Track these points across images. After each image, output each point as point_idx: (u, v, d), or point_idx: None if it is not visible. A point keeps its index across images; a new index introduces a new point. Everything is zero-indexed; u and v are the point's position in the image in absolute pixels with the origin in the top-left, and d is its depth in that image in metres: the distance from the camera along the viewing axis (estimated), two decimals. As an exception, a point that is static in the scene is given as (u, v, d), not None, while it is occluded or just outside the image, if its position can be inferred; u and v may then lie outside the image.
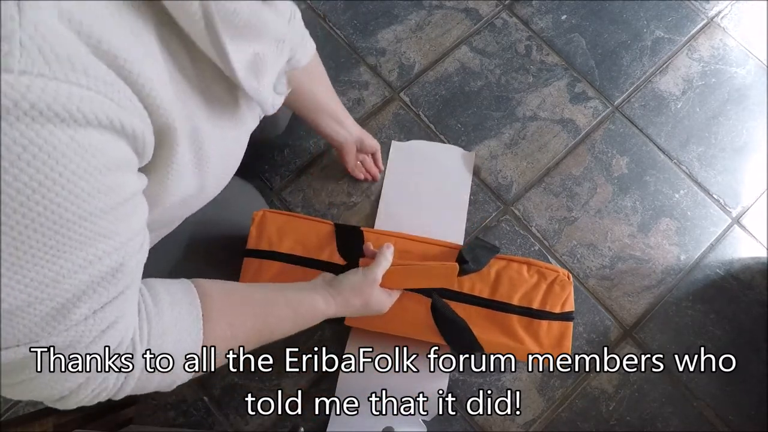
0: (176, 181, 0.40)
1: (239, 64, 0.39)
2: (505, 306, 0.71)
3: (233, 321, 0.48)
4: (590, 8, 1.11)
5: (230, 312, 0.48)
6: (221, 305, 0.47)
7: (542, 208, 0.98)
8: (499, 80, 1.05)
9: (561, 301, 0.71)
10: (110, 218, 0.32)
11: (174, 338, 0.42)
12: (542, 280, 0.72)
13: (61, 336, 0.33)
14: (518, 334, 0.70)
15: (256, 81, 0.42)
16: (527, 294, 0.71)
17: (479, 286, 0.72)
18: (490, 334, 0.71)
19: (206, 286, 0.47)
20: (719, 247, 0.98)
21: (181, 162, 0.39)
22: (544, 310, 0.71)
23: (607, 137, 1.03)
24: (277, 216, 0.75)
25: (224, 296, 0.48)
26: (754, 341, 0.92)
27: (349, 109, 1.02)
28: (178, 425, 0.86)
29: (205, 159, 0.43)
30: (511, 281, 0.71)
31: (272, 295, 0.54)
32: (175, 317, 0.42)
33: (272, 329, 0.53)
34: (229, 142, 0.48)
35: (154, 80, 0.32)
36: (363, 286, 0.61)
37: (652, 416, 0.88)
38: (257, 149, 0.97)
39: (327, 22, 1.08)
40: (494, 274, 0.72)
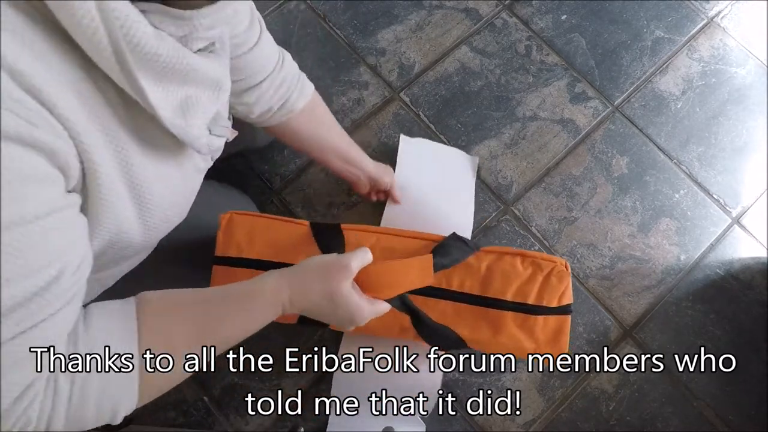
0: (111, 213, 0.40)
1: (164, 104, 0.39)
2: (498, 302, 0.65)
3: (168, 326, 0.45)
4: (590, 8, 1.11)
5: (164, 320, 0.45)
6: (155, 317, 0.44)
7: (542, 208, 0.98)
8: (499, 80, 1.06)
9: (558, 293, 0.65)
10: (29, 232, 0.31)
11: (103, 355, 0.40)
12: (538, 272, 0.66)
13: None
14: (512, 331, 0.65)
15: (183, 121, 0.42)
16: (522, 288, 0.65)
17: (469, 282, 0.66)
18: (480, 333, 0.66)
19: (144, 295, 0.46)
20: (719, 247, 0.98)
21: (112, 194, 0.39)
22: (541, 305, 0.65)
23: (607, 137, 1.03)
24: (246, 218, 0.69)
25: (159, 300, 0.46)
26: (754, 341, 0.92)
27: (350, 109, 1.03)
28: (178, 425, 0.86)
29: (144, 195, 0.43)
30: (504, 275, 0.66)
31: (214, 292, 0.49)
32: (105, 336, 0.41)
33: (215, 330, 0.47)
34: (173, 180, 0.47)
35: (66, 105, 0.33)
36: (330, 268, 0.51)
37: (652, 416, 0.88)
38: (257, 149, 0.98)
39: (327, 22, 1.08)
40: (485, 269, 0.66)
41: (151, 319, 0.44)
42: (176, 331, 0.45)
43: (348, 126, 1.01)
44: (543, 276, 0.66)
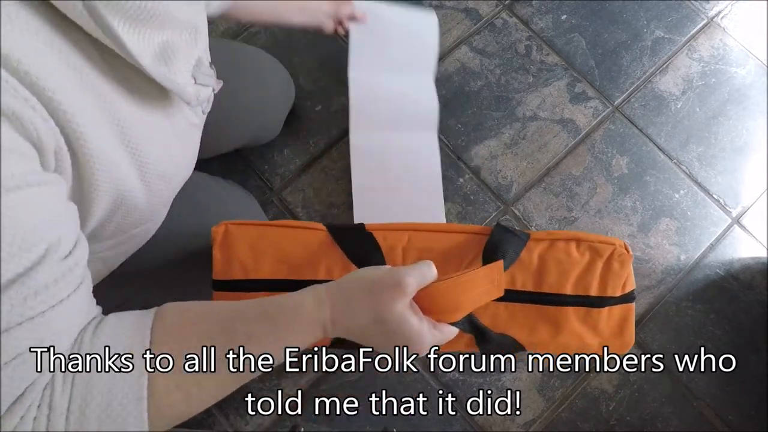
0: (108, 176, 0.39)
1: (144, 52, 0.38)
2: (557, 298, 0.56)
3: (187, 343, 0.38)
4: (590, 8, 1.11)
5: (184, 336, 0.39)
6: (173, 332, 0.39)
7: (542, 208, 0.98)
8: (499, 80, 1.06)
9: (622, 281, 0.57)
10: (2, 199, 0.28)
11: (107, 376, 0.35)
12: (597, 258, 0.57)
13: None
14: (575, 329, 0.57)
15: (166, 68, 0.41)
16: (581, 279, 0.56)
17: (521, 277, 0.57)
18: (539, 335, 0.57)
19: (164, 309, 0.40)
20: (719, 247, 0.98)
21: (107, 156, 0.38)
22: (605, 296, 0.57)
23: (607, 137, 1.03)
24: (247, 229, 0.56)
25: (181, 316, 0.40)
26: (754, 341, 0.92)
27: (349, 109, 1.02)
28: (177, 425, 0.86)
29: (142, 154, 0.42)
30: (560, 266, 0.56)
31: (243, 306, 0.41)
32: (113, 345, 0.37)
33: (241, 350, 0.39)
34: (166, 135, 0.46)
35: (39, 67, 0.31)
36: (380, 284, 0.40)
37: (652, 416, 0.88)
38: (257, 149, 0.98)
39: (327, 22, 1.08)
40: (537, 260, 0.57)
41: (170, 333, 0.39)
42: (196, 345, 0.39)
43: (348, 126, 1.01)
44: (603, 262, 0.57)
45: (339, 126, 1.01)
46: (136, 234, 0.55)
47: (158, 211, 0.56)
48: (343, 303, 0.41)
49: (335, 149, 1.00)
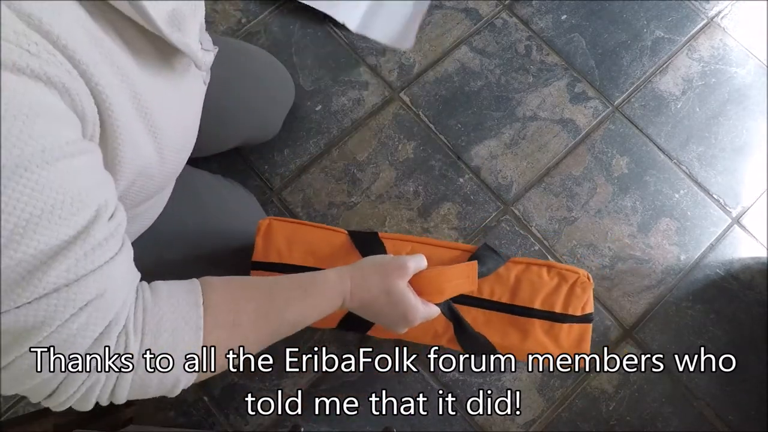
0: (131, 152, 0.41)
1: (159, 18, 0.39)
2: (527, 311, 0.69)
3: (236, 303, 0.45)
4: (590, 8, 1.11)
5: (232, 298, 0.45)
6: (222, 292, 0.45)
7: (542, 208, 0.98)
8: (499, 80, 1.05)
9: (582, 303, 0.70)
10: (54, 171, 0.31)
11: (171, 326, 0.40)
12: (563, 283, 0.70)
13: (29, 311, 0.31)
14: (539, 338, 0.68)
15: (181, 33, 0.43)
16: (548, 298, 0.69)
17: (499, 290, 0.70)
18: (509, 339, 0.69)
19: (207, 278, 0.46)
20: (719, 247, 0.98)
21: (129, 128, 0.40)
22: (566, 314, 0.69)
23: (607, 137, 1.03)
24: (285, 225, 0.70)
25: (225, 283, 0.46)
26: (754, 341, 0.92)
27: (350, 109, 1.02)
28: (178, 425, 0.86)
29: (157, 125, 0.44)
30: (532, 285, 0.70)
31: (277, 279, 0.50)
32: (173, 305, 0.41)
33: (281, 311, 0.47)
34: (175, 105, 0.48)
35: (74, 41, 0.33)
36: (388, 266, 0.53)
37: (652, 416, 0.88)
38: (257, 149, 0.98)
39: (327, 22, 1.08)
40: (514, 279, 0.70)
41: (217, 297, 0.44)
42: (243, 309, 0.45)
43: (348, 126, 1.01)
44: (568, 286, 0.70)
45: (339, 126, 1.01)
46: (140, 213, 0.57)
47: (165, 187, 0.58)
48: (360, 279, 0.52)
49: (335, 149, 1.00)
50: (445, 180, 0.99)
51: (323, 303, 0.50)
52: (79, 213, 0.33)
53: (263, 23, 1.07)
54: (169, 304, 0.41)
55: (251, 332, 0.45)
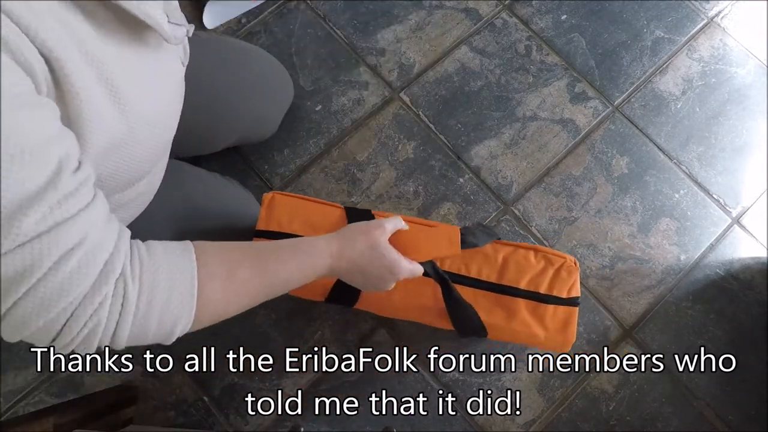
0: (94, 118, 0.42)
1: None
2: (513, 290, 0.71)
3: (228, 259, 0.48)
4: (590, 8, 1.11)
5: (225, 254, 0.48)
6: (215, 251, 0.48)
7: (542, 208, 0.98)
8: (499, 80, 1.06)
9: (567, 286, 0.71)
10: (7, 120, 0.32)
11: (167, 276, 0.42)
12: (549, 266, 0.72)
13: (16, 256, 0.34)
14: (524, 317, 0.70)
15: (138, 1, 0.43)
16: (534, 279, 0.71)
17: (486, 270, 0.72)
18: (495, 317, 0.71)
19: (200, 242, 0.48)
20: (719, 247, 0.98)
21: (89, 91, 0.40)
22: (551, 295, 0.71)
23: (607, 137, 1.03)
24: (287, 198, 0.75)
25: (218, 245, 0.49)
26: (754, 341, 0.92)
27: (350, 109, 1.03)
28: (178, 425, 0.86)
29: (122, 93, 0.44)
30: (518, 266, 0.72)
31: (268, 242, 0.54)
32: (168, 258, 0.44)
33: (275, 268, 0.51)
34: (146, 78, 0.48)
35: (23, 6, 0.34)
36: (370, 227, 0.58)
37: (652, 416, 0.88)
38: (257, 149, 0.98)
39: (327, 22, 1.08)
40: (501, 260, 0.72)
41: (211, 254, 0.47)
42: (237, 264, 0.48)
43: (348, 126, 1.01)
44: (554, 270, 0.72)
45: (339, 126, 1.01)
46: (129, 199, 0.58)
47: (150, 171, 0.58)
48: (345, 239, 0.57)
49: (335, 149, 1.00)
50: (445, 180, 0.99)
51: (313, 261, 0.54)
52: (40, 163, 0.34)
53: (263, 23, 1.07)
54: (165, 258, 0.43)
55: (246, 285, 0.48)
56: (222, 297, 0.46)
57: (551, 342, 0.71)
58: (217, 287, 0.46)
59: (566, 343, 0.71)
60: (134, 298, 0.40)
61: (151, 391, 0.88)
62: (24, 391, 0.87)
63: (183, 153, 0.86)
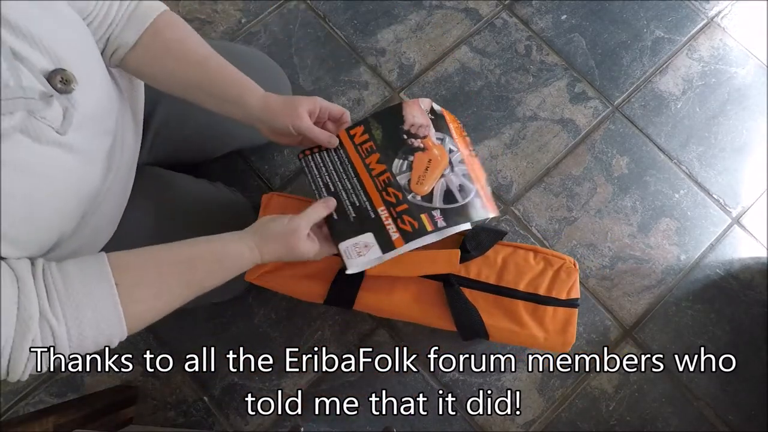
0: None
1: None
2: (512, 292, 0.71)
3: (152, 279, 0.50)
4: (590, 8, 1.11)
5: (149, 272, 0.50)
6: (137, 271, 0.49)
7: (542, 208, 0.98)
8: (499, 80, 1.06)
9: (567, 287, 0.71)
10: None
11: (91, 308, 0.44)
12: (548, 267, 0.72)
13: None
14: (523, 319, 0.70)
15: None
16: (533, 280, 0.71)
17: (486, 272, 0.72)
18: (495, 319, 0.71)
19: (116, 257, 0.48)
20: (719, 247, 0.98)
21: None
22: (550, 296, 0.71)
23: (607, 137, 1.03)
24: (284, 199, 0.76)
25: (138, 263, 0.50)
26: (754, 341, 0.92)
27: (350, 109, 1.02)
28: (178, 425, 0.86)
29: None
30: (518, 267, 0.72)
31: (197, 251, 0.55)
32: (87, 288, 0.44)
33: (201, 282, 0.54)
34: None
35: None
36: (286, 235, 0.60)
37: (652, 416, 0.88)
38: (257, 149, 0.98)
39: (327, 22, 1.08)
40: (501, 261, 0.73)
41: (134, 270, 0.49)
42: (164, 282, 0.50)
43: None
44: (553, 271, 0.72)
45: (339, 126, 1.01)
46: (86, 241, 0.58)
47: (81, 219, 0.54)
48: (268, 252, 0.59)
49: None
50: (445, 180, 0.99)
51: (237, 270, 0.58)
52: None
53: (263, 23, 1.07)
54: (83, 288, 0.44)
55: (172, 300, 0.51)
56: (150, 314, 0.49)
57: (551, 343, 0.71)
58: (143, 308, 0.48)
59: (566, 345, 0.71)
60: (64, 335, 0.42)
61: (151, 391, 0.88)
62: (24, 391, 0.87)
63: (183, 161, 0.86)
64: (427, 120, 0.69)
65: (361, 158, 0.67)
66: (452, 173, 0.66)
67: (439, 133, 0.69)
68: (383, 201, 0.65)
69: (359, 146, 0.68)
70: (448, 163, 0.67)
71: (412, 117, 0.68)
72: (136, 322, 0.48)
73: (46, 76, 0.43)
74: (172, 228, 0.71)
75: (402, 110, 0.68)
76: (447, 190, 0.66)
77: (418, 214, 0.64)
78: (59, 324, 0.42)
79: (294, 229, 0.60)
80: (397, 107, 0.69)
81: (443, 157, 0.67)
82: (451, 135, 0.69)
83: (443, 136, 0.69)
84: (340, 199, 0.66)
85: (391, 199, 0.65)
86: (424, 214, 0.64)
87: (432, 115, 0.70)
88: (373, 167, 0.67)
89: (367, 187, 0.66)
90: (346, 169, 0.68)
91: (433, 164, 0.67)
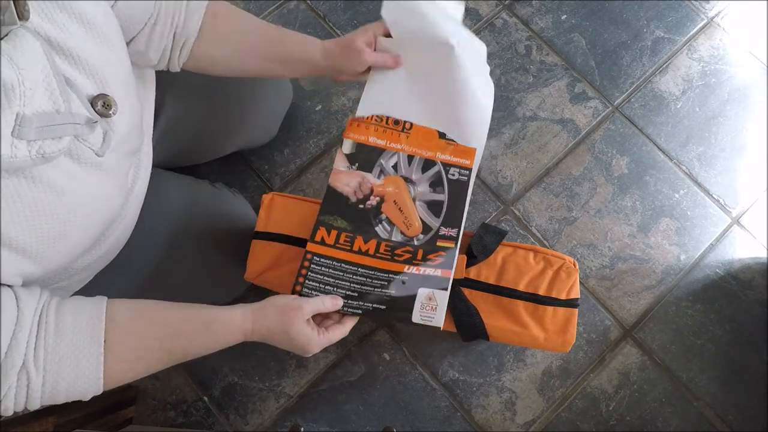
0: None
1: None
2: (512, 292, 0.71)
3: (141, 342, 0.49)
4: (590, 8, 1.11)
5: (136, 335, 0.49)
6: (126, 329, 0.48)
7: (542, 208, 0.98)
8: (499, 80, 1.05)
9: (567, 287, 0.71)
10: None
11: (73, 362, 0.44)
12: (548, 267, 0.72)
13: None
14: (523, 319, 0.70)
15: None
16: (533, 280, 0.71)
17: (485, 272, 0.72)
18: (495, 319, 0.71)
19: (114, 310, 0.48)
20: (719, 247, 0.98)
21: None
22: (550, 296, 0.71)
23: (607, 137, 1.03)
24: (285, 199, 0.75)
25: (131, 321, 0.49)
26: (754, 341, 0.92)
27: (350, 109, 1.03)
28: (178, 425, 0.86)
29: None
30: (518, 268, 0.72)
31: (186, 314, 0.53)
32: (76, 339, 0.45)
33: (184, 348, 0.53)
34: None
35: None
36: (287, 309, 0.56)
37: (652, 416, 0.88)
38: (257, 150, 0.98)
39: (327, 22, 1.08)
40: (500, 261, 0.72)
41: (121, 333, 0.48)
42: (148, 346, 0.50)
43: (348, 126, 1.01)
44: (553, 271, 0.72)
45: (339, 126, 1.01)
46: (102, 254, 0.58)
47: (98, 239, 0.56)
48: (261, 319, 0.56)
49: (335, 149, 1.00)
50: (445, 180, 0.99)
51: (224, 340, 0.55)
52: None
53: (263, 23, 1.07)
54: (72, 339, 0.44)
55: (153, 364, 0.51)
56: (129, 375, 0.49)
57: (551, 343, 0.71)
58: (125, 369, 0.48)
59: (566, 345, 0.71)
60: (38, 387, 0.43)
61: (151, 391, 0.88)
62: (24, 391, 0.87)
63: (182, 163, 0.86)
64: (358, 175, 0.68)
65: (350, 251, 0.65)
66: (416, 185, 0.67)
67: (373, 168, 0.68)
68: (402, 262, 0.64)
69: (337, 245, 0.65)
70: (405, 184, 0.67)
71: (346, 186, 0.67)
72: (113, 381, 0.47)
73: (90, 101, 0.44)
74: (174, 230, 0.71)
75: (334, 189, 0.67)
76: (427, 206, 0.66)
77: (434, 245, 0.64)
78: (37, 375, 0.42)
79: (298, 306, 0.57)
80: (329, 191, 0.67)
81: (398, 184, 0.67)
82: (379, 153, 0.68)
83: (375, 163, 0.68)
84: (369, 294, 0.62)
85: (406, 256, 0.64)
86: (438, 241, 0.65)
87: (353, 149, 0.68)
88: (366, 248, 0.65)
89: (379, 267, 0.64)
90: (346, 271, 0.64)
91: (400, 201, 0.66)
